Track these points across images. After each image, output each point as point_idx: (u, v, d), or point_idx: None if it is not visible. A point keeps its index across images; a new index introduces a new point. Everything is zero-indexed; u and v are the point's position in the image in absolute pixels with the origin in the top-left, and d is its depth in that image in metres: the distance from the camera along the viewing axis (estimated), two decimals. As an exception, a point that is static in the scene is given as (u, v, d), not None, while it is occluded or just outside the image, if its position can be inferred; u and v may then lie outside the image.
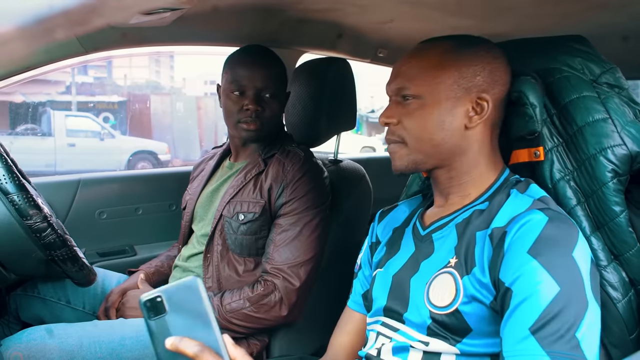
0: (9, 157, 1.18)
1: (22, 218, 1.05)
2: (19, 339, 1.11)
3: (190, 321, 0.63)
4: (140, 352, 1.19)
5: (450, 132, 0.86)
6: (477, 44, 0.89)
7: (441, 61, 0.86)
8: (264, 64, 1.37)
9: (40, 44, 0.43)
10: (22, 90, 6.68)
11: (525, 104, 0.90)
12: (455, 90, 0.86)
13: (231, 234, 1.36)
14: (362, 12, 1.39)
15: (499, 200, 0.85)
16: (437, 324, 0.82)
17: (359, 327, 1.03)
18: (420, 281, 0.87)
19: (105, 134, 7.92)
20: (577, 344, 0.68)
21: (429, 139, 0.87)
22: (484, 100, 0.86)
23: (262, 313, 1.29)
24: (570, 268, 0.72)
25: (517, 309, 0.72)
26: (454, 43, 0.88)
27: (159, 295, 0.63)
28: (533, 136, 0.91)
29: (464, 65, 0.86)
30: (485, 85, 0.86)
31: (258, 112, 1.35)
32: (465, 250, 0.82)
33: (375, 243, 1.05)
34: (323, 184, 1.41)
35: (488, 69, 0.86)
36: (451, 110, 0.86)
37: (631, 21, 1.25)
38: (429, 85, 0.86)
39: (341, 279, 1.29)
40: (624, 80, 0.91)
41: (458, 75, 0.85)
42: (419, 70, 0.87)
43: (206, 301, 0.63)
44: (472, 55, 0.86)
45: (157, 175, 2.02)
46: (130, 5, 0.44)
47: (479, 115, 0.86)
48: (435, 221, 0.91)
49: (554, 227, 0.75)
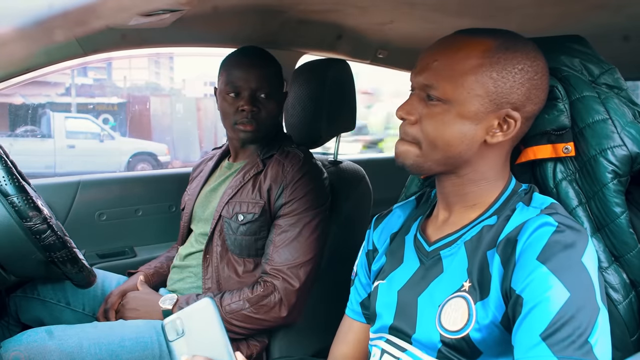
0: (9, 159, 1.18)
1: (21, 220, 1.05)
2: (19, 341, 1.11)
3: (206, 340, 0.70)
4: (139, 353, 1.19)
5: (468, 145, 0.80)
6: (519, 50, 0.79)
7: (479, 67, 0.77)
8: (258, 64, 1.37)
9: (39, 45, 0.43)
10: (21, 92, 6.67)
11: (557, 98, 0.87)
12: (486, 105, 0.78)
13: (230, 234, 1.36)
14: (361, 13, 1.39)
15: (507, 214, 0.81)
16: (449, 348, 0.80)
17: (359, 337, 1.02)
18: (430, 302, 0.83)
19: (105, 135, 7.92)
20: (589, 350, 0.67)
21: (444, 148, 0.81)
22: (512, 119, 0.79)
23: (262, 314, 1.28)
24: (580, 273, 0.71)
25: (528, 316, 0.71)
26: (496, 44, 0.78)
27: (179, 318, 0.71)
28: (562, 132, 0.88)
29: (501, 78, 0.77)
30: (519, 103, 0.79)
31: (254, 113, 1.35)
32: (479, 274, 0.79)
33: (372, 250, 1.02)
34: (323, 185, 1.41)
35: (527, 87, 0.79)
36: (476, 124, 0.79)
37: (630, 21, 1.25)
38: (459, 93, 0.78)
39: (341, 280, 1.29)
40: (622, 80, 0.91)
41: (493, 89, 0.78)
42: (452, 73, 0.78)
43: (219, 320, 0.71)
44: (513, 66, 0.78)
45: (156, 177, 2.02)
46: (130, 7, 0.44)
47: (504, 133, 0.80)
48: (442, 237, 0.87)
49: (562, 233, 0.74)
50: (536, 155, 0.90)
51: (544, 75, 0.82)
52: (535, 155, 0.90)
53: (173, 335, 0.71)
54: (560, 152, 0.88)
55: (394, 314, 0.89)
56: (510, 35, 0.81)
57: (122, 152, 7.83)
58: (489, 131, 0.80)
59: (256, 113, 1.35)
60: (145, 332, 1.24)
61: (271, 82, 1.38)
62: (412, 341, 0.85)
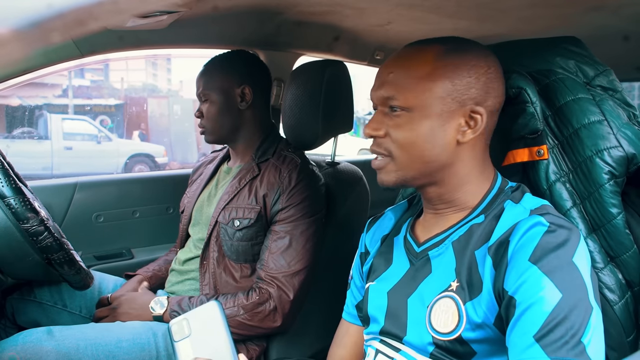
0: (6, 161, 1.18)
1: (18, 222, 1.04)
2: (15, 342, 1.10)
3: (211, 342, 0.71)
4: (136, 354, 1.19)
5: (441, 148, 0.81)
6: (469, 50, 0.82)
7: (433, 70, 0.80)
8: (202, 71, 1.44)
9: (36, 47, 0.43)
10: (18, 94, 6.66)
11: (526, 102, 0.88)
12: (448, 104, 0.80)
13: (227, 240, 1.36)
14: (359, 14, 1.39)
15: (496, 213, 0.82)
16: (441, 350, 0.80)
17: (356, 340, 1.02)
18: (420, 303, 0.84)
19: (102, 137, 7.91)
20: (583, 350, 0.67)
21: (419, 155, 0.81)
22: (477, 114, 0.81)
23: (256, 321, 1.28)
24: (571, 273, 0.71)
25: (521, 318, 0.71)
26: (445, 48, 0.81)
27: (185, 319, 0.73)
28: (535, 135, 0.89)
29: (457, 76, 0.80)
30: (480, 98, 0.81)
31: (201, 118, 1.43)
32: (468, 274, 0.79)
33: (364, 253, 1.03)
34: (319, 192, 1.41)
35: (483, 80, 0.81)
36: (443, 125, 0.80)
37: (626, 23, 1.25)
38: (420, 98, 0.80)
39: (338, 282, 1.29)
40: (617, 82, 0.92)
41: (451, 87, 0.80)
42: (408, 80, 0.81)
43: (224, 323, 0.72)
44: (465, 64, 0.80)
45: (154, 178, 2.02)
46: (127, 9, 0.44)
47: (473, 130, 0.81)
48: (430, 238, 0.88)
49: (553, 233, 0.74)
50: (516, 158, 0.92)
51: (497, 70, 0.84)
52: (515, 158, 0.92)
53: (179, 335, 0.72)
54: (535, 155, 0.89)
55: (384, 316, 0.89)
56: (458, 40, 0.84)
57: (120, 154, 7.83)
58: (458, 130, 0.81)
59: (201, 117, 1.43)
60: (143, 333, 1.23)
61: (207, 84, 1.41)
62: (404, 342, 0.85)
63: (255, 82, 1.44)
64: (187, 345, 0.72)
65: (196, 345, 0.72)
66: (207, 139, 1.45)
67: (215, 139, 1.45)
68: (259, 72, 1.47)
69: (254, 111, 1.44)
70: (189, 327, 0.73)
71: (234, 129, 1.44)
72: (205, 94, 1.41)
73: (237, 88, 1.41)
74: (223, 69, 1.42)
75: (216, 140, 1.47)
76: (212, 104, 1.41)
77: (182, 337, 0.72)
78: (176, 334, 0.73)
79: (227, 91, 1.41)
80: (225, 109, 1.41)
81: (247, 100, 1.42)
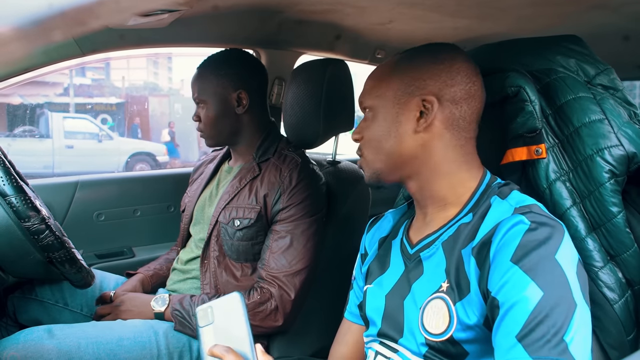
0: (7, 159, 1.18)
1: (20, 220, 1.04)
2: (16, 340, 1.11)
3: (231, 330, 0.75)
4: (138, 352, 1.19)
5: (398, 138, 0.86)
6: (425, 53, 0.89)
7: (389, 72, 0.89)
8: (196, 75, 1.43)
9: (38, 45, 0.43)
10: (19, 92, 6.67)
11: (525, 100, 0.89)
12: (399, 97, 0.87)
13: (227, 240, 1.36)
14: (360, 13, 1.39)
15: (482, 211, 0.82)
16: (434, 351, 0.81)
17: (357, 338, 1.03)
18: (414, 305, 0.85)
19: (103, 135, 7.92)
20: (565, 348, 0.67)
21: (378, 147, 0.88)
22: (429, 102, 0.84)
23: (258, 321, 1.28)
24: (553, 271, 0.71)
25: (504, 318, 0.71)
26: (404, 55, 0.91)
27: (210, 307, 0.77)
28: (534, 134, 0.90)
29: (407, 74, 0.87)
30: (433, 88, 0.85)
31: (198, 122, 1.42)
32: (456, 273, 0.80)
33: (364, 255, 1.05)
34: (320, 191, 1.41)
35: (433, 71, 0.85)
36: (397, 117, 0.87)
37: (627, 21, 1.25)
38: (377, 96, 0.89)
39: (340, 280, 1.29)
40: (618, 81, 0.91)
41: (400, 82, 0.87)
42: (371, 84, 0.92)
43: (245, 314, 0.75)
44: (417, 62, 0.87)
45: (155, 177, 2.02)
46: (128, 7, 0.44)
47: (425, 118, 0.85)
48: (422, 239, 0.89)
49: (534, 232, 0.74)
50: (514, 157, 0.93)
51: (452, 61, 0.86)
52: (513, 157, 0.93)
53: (204, 321, 0.76)
54: (533, 154, 0.90)
55: (381, 318, 0.90)
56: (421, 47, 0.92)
57: (121, 152, 7.84)
58: (413, 119, 0.86)
59: (198, 121, 1.42)
60: (144, 332, 1.24)
61: (201, 88, 1.40)
62: (400, 344, 0.86)
63: (251, 84, 1.41)
64: (210, 332, 0.75)
65: (218, 332, 0.75)
66: (207, 143, 1.45)
67: (214, 143, 1.45)
68: (254, 72, 1.44)
69: (252, 113, 1.43)
70: (212, 314, 0.76)
71: (232, 133, 1.43)
72: (201, 100, 1.40)
73: (233, 93, 1.39)
74: (217, 74, 1.39)
75: (216, 144, 1.46)
76: (209, 110, 1.39)
77: (206, 324, 0.76)
78: (201, 320, 0.76)
79: (223, 97, 1.39)
80: (222, 115, 1.39)
81: (244, 105, 1.40)
